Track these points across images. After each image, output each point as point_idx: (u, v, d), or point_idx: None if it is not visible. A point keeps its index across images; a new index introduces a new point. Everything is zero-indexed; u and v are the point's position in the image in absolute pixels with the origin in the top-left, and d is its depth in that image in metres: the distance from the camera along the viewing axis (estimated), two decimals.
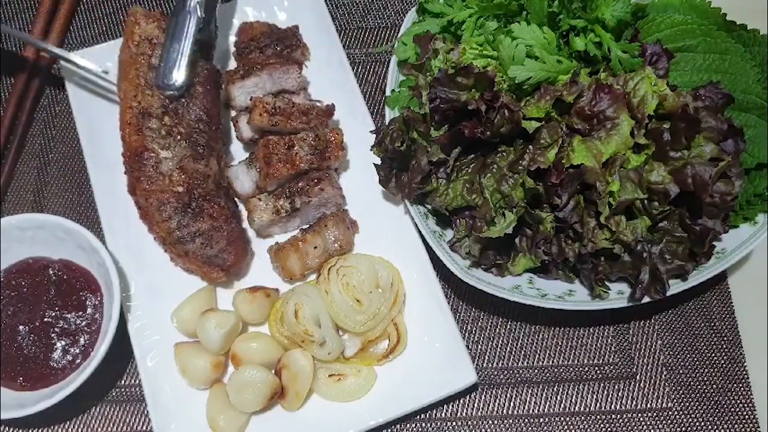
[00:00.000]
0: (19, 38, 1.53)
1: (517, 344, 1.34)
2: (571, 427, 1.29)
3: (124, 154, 1.30)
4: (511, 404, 1.30)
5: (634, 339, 1.34)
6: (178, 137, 1.28)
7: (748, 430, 1.27)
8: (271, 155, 1.32)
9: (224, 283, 1.32)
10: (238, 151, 1.45)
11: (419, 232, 1.29)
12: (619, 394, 1.30)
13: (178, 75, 1.28)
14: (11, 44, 1.59)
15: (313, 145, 1.34)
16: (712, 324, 1.34)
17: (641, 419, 1.29)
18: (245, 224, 1.38)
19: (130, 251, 1.34)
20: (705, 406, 1.29)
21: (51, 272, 1.30)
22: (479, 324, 1.36)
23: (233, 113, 1.43)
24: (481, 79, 1.16)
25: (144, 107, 1.28)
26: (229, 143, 1.46)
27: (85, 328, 1.27)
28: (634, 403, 1.30)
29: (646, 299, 1.19)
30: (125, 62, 1.31)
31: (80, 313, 1.28)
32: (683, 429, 1.28)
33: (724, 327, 1.34)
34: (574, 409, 1.30)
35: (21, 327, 1.26)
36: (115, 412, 1.31)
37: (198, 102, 1.30)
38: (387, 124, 1.29)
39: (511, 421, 1.29)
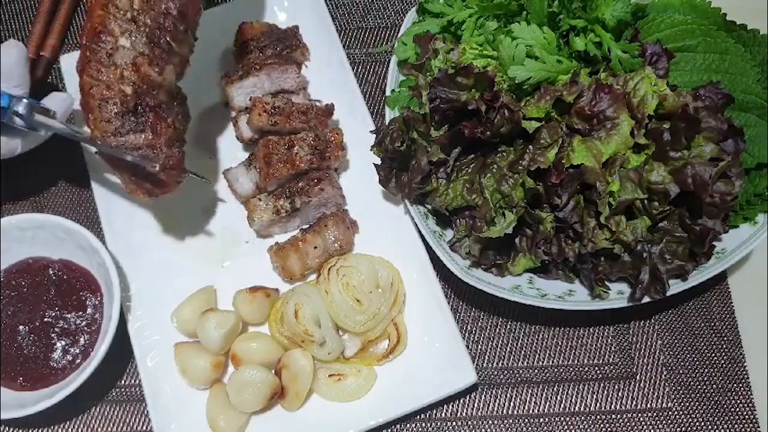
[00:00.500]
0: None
1: (517, 344, 1.34)
2: (571, 427, 1.29)
3: (84, 27, 1.17)
4: (511, 404, 1.30)
5: (634, 339, 1.34)
6: (142, 28, 1.14)
7: (748, 430, 1.27)
8: (271, 155, 1.32)
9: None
10: (238, 151, 1.45)
11: (419, 232, 1.29)
12: (619, 394, 1.30)
13: None
14: None
15: (313, 145, 1.34)
16: (712, 324, 1.34)
17: (641, 419, 1.29)
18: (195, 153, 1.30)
19: (130, 251, 1.34)
20: (705, 406, 1.29)
21: (51, 272, 1.30)
22: (479, 324, 1.36)
23: (233, 113, 1.43)
24: (481, 79, 1.16)
25: None
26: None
27: (85, 328, 1.27)
28: (634, 403, 1.30)
29: (646, 299, 1.19)
30: None
31: (80, 313, 1.28)
32: (683, 429, 1.28)
33: (724, 327, 1.34)
34: (574, 409, 1.30)
35: (21, 327, 1.26)
36: (115, 412, 1.31)
37: None
38: (387, 124, 1.29)
39: (511, 421, 1.29)
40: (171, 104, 1.19)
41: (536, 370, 1.32)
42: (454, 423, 1.29)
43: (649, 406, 1.30)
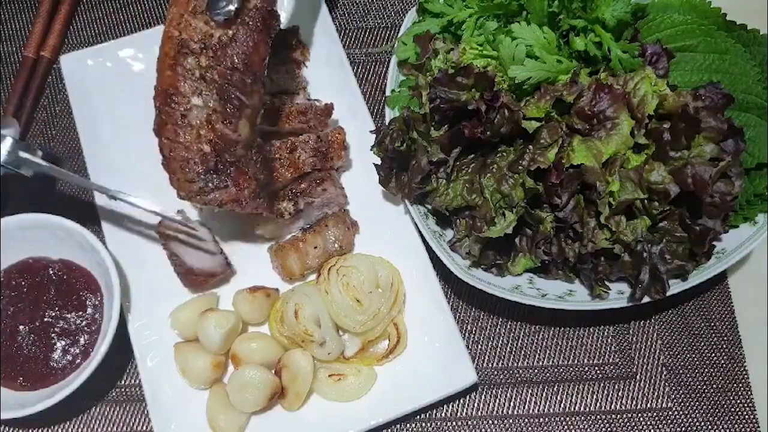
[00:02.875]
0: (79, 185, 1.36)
1: (517, 344, 1.34)
2: (571, 427, 1.29)
3: (156, 89, 1.19)
4: (511, 404, 1.30)
5: (634, 339, 1.34)
6: (211, 84, 1.15)
7: (748, 430, 1.27)
8: (274, 160, 1.32)
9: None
10: None
11: (419, 232, 1.29)
12: (619, 394, 1.30)
13: (228, 1, 1.14)
14: (11, 44, 1.59)
15: (315, 147, 1.34)
16: (712, 324, 1.34)
17: (641, 419, 1.29)
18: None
19: (130, 251, 1.34)
20: (705, 406, 1.29)
21: (51, 272, 1.30)
22: (479, 324, 1.36)
23: None
24: (481, 79, 1.16)
25: (184, 39, 1.16)
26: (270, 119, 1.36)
27: (85, 328, 1.27)
28: (634, 403, 1.30)
29: (646, 299, 1.19)
30: None
31: (80, 313, 1.28)
32: (683, 429, 1.28)
33: (724, 327, 1.34)
34: (574, 409, 1.30)
35: (21, 327, 1.26)
36: (115, 412, 1.31)
37: (238, 46, 1.15)
38: (387, 124, 1.29)
39: (511, 421, 1.29)
40: (250, 156, 1.20)
41: (536, 370, 1.32)
42: (454, 423, 1.29)
43: (649, 406, 1.30)
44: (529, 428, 1.29)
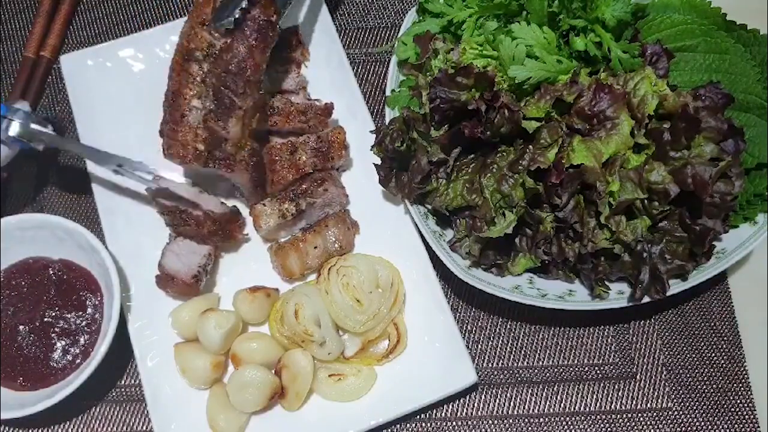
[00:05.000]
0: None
1: (517, 344, 1.34)
2: (571, 427, 1.29)
3: (165, 93, 1.29)
4: (511, 404, 1.30)
5: (634, 339, 1.34)
6: (210, 88, 1.24)
7: (748, 430, 1.27)
8: (275, 162, 1.32)
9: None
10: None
11: (419, 232, 1.29)
12: (619, 394, 1.30)
13: (229, 13, 1.22)
14: (11, 44, 1.59)
15: (315, 147, 1.34)
16: (712, 324, 1.34)
17: (641, 419, 1.29)
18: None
19: (130, 251, 1.34)
20: (705, 406, 1.29)
21: (51, 272, 1.30)
22: (479, 324, 1.36)
23: None
24: (481, 79, 1.16)
25: (191, 48, 1.26)
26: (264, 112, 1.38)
27: (85, 328, 1.27)
28: (634, 403, 1.30)
29: (646, 299, 1.19)
30: (196, 3, 1.29)
31: (80, 313, 1.28)
32: (683, 429, 1.28)
33: (724, 327, 1.34)
34: (574, 409, 1.30)
35: (21, 327, 1.26)
36: (115, 412, 1.31)
37: (233, 52, 1.24)
38: (387, 124, 1.29)
39: (511, 421, 1.29)
40: (241, 156, 1.27)
41: (536, 370, 1.32)
42: (454, 423, 1.29)
43: (649, 406, 1.30)
44: (529, 428, 1.29)
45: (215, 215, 1.30)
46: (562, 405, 1.30)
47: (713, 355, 1.32)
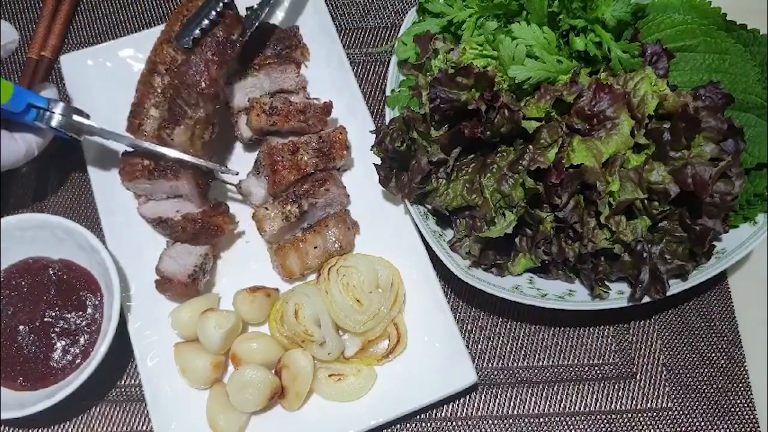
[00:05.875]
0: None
1: (517, 344, 1.34)
2: (571, 427, 1.29)
3: (131, 105, 1.32)
4: (511, 404, 1.30)
5: (634, 339, 1.34)
6: (165, 98, 1.29)
7: (748, 430, 1.27)
8: (276, 163, 1.32)
9: None
10: (238, 152, 1.45)
11: (419, 232, 1.29)
12: (619, 394, 1.30)
13: (191, 32, 1.27)
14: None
15: (317, 147, 1.34)
16: (712, 324, 1.34)
17: (641, 419, 1.29)
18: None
19: (130, 251, 1.34)
20: (705, 406, 1.29)
21: (51, 272, 1.30)
22: (479, 324, 1.36)
23: (233, 113, 1.43)
24: (481, 79, 1.16)
25: (156, 62, 1.30)
26: (219, 129, 1.39)
27: (85, 328, 1.27)
28: (634, 403, 1.30)
29: (646, 299, 1.19)
30: (169, 22, 1.33)
31: (80, 313, 1.28)
32: (683, 429, 1.28)
33: (724, 327, 1.34)
34: (574, 409, 1.30)
35: (21, 327, 1.26)
36: (115, 412, 1.31)
37: (190, 67, 1.28)
38: (387, 124, 1.29)
39: (511, 421, 1.29)
40: (178, 170, 1.30)
41: (536, 370, 1.32)
42: (454, 423, 1.29)
43: (649, 406, 1.30)
44: (529, 428, 1.29)
45: (193, 215, 1.30)
46: (562, 405, 1.30)
47: (713, 355, 1.32)
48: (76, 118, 1.28)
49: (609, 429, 1.28)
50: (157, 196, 1.35)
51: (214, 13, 1.27)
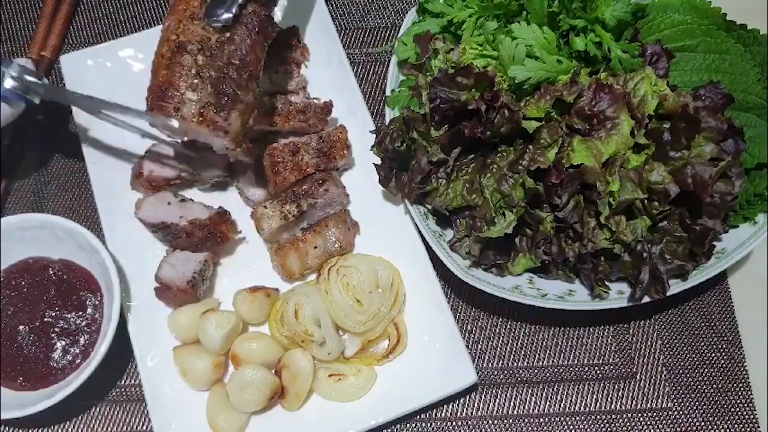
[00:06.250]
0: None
1: (517, 344, 1.34)
2: (571, 427, 1.29)
3: (149, 89, 1.20)
4: (511, 404, 1.30)
5: (634, 339, 1.34)
6: (207, 80, 1.18)
7: (748, 430, 1.27)
8: (277, 164, 1.32)
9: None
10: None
11: (419, 232, 1.29)
12: (619, 394, 1.30)
13: (226, 9, 1.19)
14: (12, 44, 1.59)
15: (317, 147, 1.34)
16: (712, 324, 1.34)
17: (641, 419, 1.29)
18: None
19: (130, 251, 1.34)
20: (705, 406, 1.29)
21: (51, 272, 1.30)
22: (479, 324, 1.36)
23: None
24: (481, 79, 1.16)
25: (182, 41, 1.19)
26: (262, 103, 1.35)
27: (85, 328, 1.27)
28: (634, 403, 1.30)
29: (646, 299, 1.19)
30: None
31: (80, 313, 1.28)
32: (683, 429, 1.28)
33: (724, 327, 1.34)
34: (574, 409, 1.30)
35: (21, 327, 1.26)
36: (115, 412, 1.31)
37: (236, 46, 1.20)
38: (387, 124, 1.29)
39: (511, 421, 1.29)
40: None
41: (536, 370, 1.32)
42: (454, 423, 1.29)
43: (649, 406, 1.30)
44: (529, 428, 1.29)
45: (202, 221, 1.29)
46: (562, 405, 1.30)
47: (713, 355, 1.32)
48: (28, 78, 1.23)
49: (609, 429, 1.28)
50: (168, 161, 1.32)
51: None
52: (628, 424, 1.28)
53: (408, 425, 1.29)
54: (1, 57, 1.24)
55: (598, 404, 1.30)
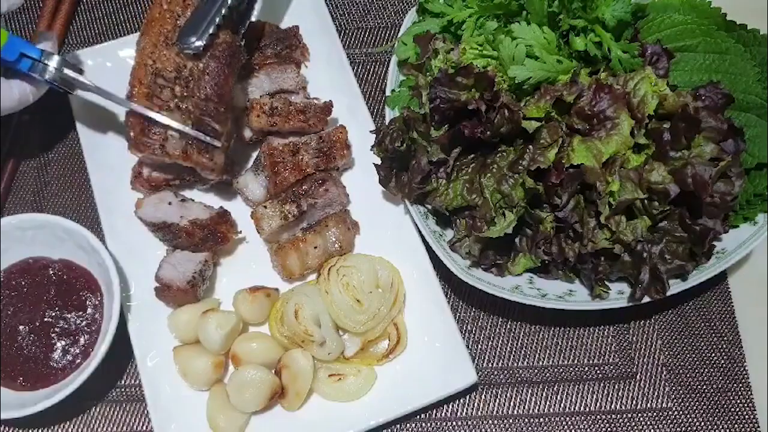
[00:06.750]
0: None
1: (517, 344, 1.34)
2: (571, 427, 1.29)
3: (128, 113, 1.26)
4: (511, 404, 1.30)
5: (634, 339, 1.34)
6: (186, 115, 1.23)
7: (748, 430, 1.27)
8: (277, 164, 1.32)
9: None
10: (239, 150, 1.45)
11: (419, 232, 1.29)
12: (619, 394, 1.30)
13: (198, 37, 1.23)
14: None
15: (317, 148, 1.34)
16: (712, 324, 1.34)
17: (641, 419, 1.29)
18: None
19: (130, 251, 1.34)
20: (705, 406, 1.29)
21: (51, 272, 1.30)
22: (479, 324, 1.36)
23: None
24: (481, 79, 1.16)
25: (158, 68, 1.24)
26: (236, 128, 1.39)
27: (85, 328, 1.27)
28: (634, 403, 1.30)
29: (646, 299, 1.19)
30: (152, 18, 1.27)
31: (80, 313, 1.28)
32: (683, 429, 1.28)
33: (724, 327, 1.34)
34: (574, 409, 1.30)
35: (21, 327, 1.26)
36: (115, 412, 1.31)
37: (211, 78, 1.23)
38: (387, 124, 1.29)
39: (511, 421, 1.29)
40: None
41: (536, 370, 1.32)
42: (454, 423, 1.29)
43: (649, 406, 1.30)
44: (529, 428, 1.29)
45: (202, 221, 1.30)
46: (562, 405, 1.30)
47: (713, 355, 1.32)
48: (68, 72, 1.26)
49: (609, 429, 1.28)
50: (158, 170, 1.33)
51: (222, 12, 1.21)
52: (628, 424, 1.28)
53: (408, 425, 1.29)
54: (44, 49, 1.26)
55: (598, 404, 1.30)
